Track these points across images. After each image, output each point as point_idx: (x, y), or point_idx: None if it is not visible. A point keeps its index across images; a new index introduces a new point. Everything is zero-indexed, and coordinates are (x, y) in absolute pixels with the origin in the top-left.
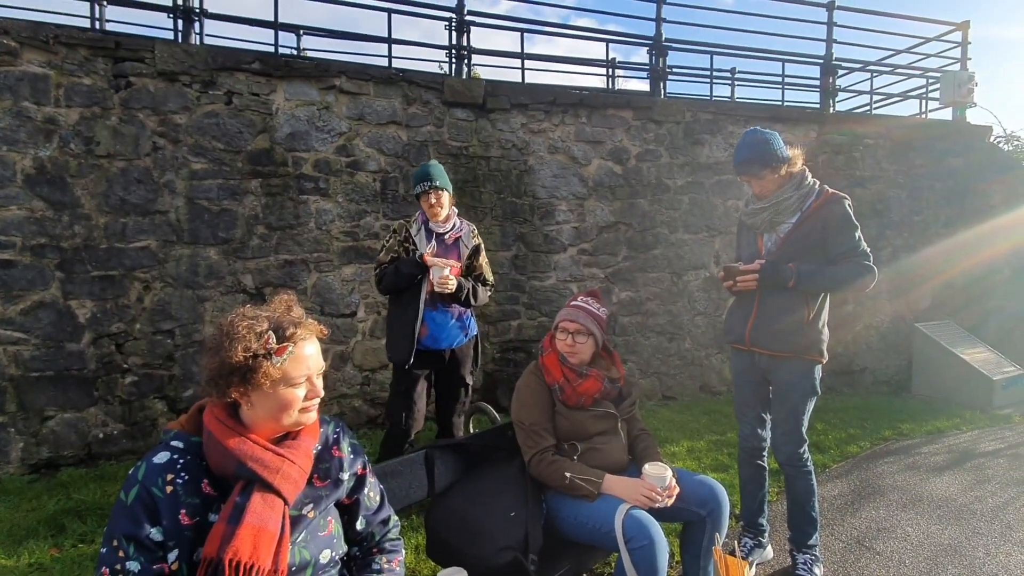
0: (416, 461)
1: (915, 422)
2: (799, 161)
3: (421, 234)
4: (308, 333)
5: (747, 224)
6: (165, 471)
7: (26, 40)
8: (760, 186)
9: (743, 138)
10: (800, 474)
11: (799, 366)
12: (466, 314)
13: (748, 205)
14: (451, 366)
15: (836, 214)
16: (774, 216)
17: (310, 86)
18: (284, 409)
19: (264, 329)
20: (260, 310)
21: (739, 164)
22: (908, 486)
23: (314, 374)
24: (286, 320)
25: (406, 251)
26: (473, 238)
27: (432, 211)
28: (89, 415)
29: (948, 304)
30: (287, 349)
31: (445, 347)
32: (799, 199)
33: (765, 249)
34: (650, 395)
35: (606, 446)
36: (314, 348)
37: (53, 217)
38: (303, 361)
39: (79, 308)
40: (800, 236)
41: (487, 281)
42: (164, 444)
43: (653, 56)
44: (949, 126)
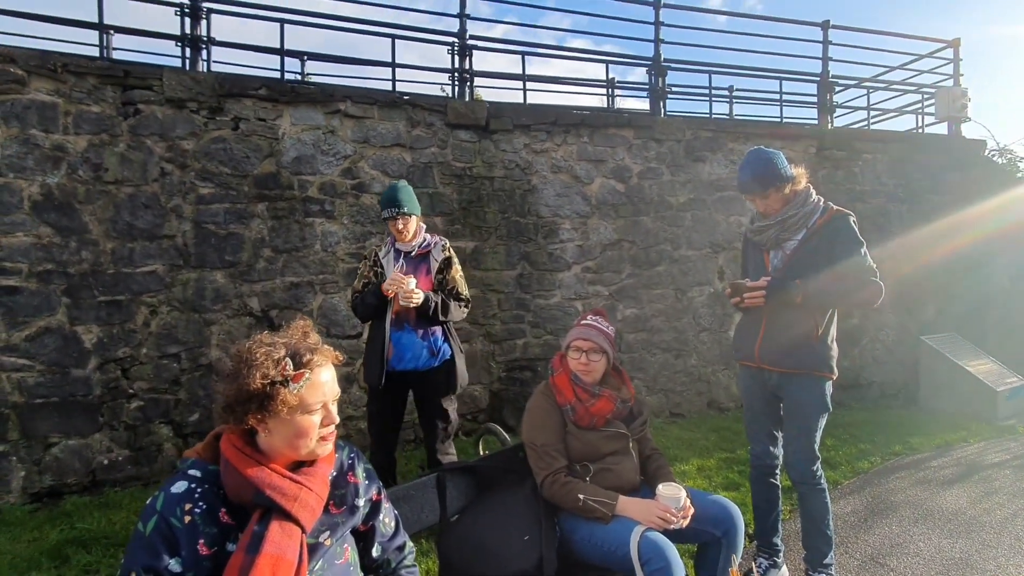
0: (428, 485)
1: (924, 436)
2: (803, 179)
3: (389, 256)
4: (324, 359)
5: (753, 241)
6: (183, 501)
7: (34, 68)
8: (765, 205)
9: (747, 158)
10: (814, 492)
11: (809, 383)
12: (434, 335)
13: (753, 222)
14: (424, 391)
15: (842, 230)
16: (780, 233)
17: (316, 111)
18: (300, 436)
19: (281, 356)
20: (277, 336)
21: (744, 183)
22: (919, 501)
23: (330, 400)
24: (303, 346)
25: (376, 275)
26: (443, 252)
27: (400, 235)
28: (94, 441)
29: (952, 316)
30: (304, 375)
31: (411, 368)
32: (804, 216)
33: (771, 265)
34: (657, 412)
35: (618, 466)
36: (330, 374)
37: (60, 243)
38: (319, 387)
39: (85, 333)
40: (806, 253)
41: (460, 296)
42: (182, 473)
43: (652, 76)
44: (945, 141)
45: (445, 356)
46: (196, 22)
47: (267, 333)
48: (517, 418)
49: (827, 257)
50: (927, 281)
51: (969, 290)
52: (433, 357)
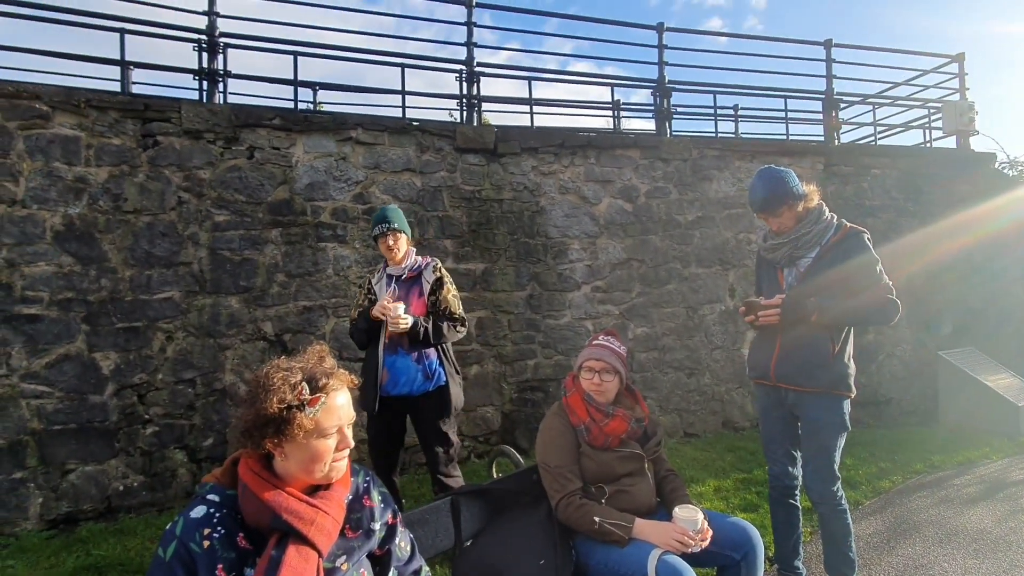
0: (442, 508)
1: (945, 453)
2: (816, 196)
3: (382, 281)
4: (340, 383)
5: (767, 259)
6: (202, 526)
7: (58, 104)
8: (778, 223)
9: (757, 177)
10: (835, 513)
11: (827, 401)
12: (429, 359)
13: (766, 240)
14: (420, 416)
15: (856, 248)
16: (793, 251)
17: (328, 138)
18: (316, 460)
19: (298, 380)
20: (294, 361)
21: (756, 202)
22: (943, 520)
23: (345, 424)
24: (319, 371)
25: (370, 302)
26: (434, 272)
27: (390, 254)
28: (110, 467)
29: (970, 329)
30: (320, 400)
31: (405, 392)
32: (818, 233)
33: (786, 283)
34: (671, 432)
35: (634, 488)
36: (345, 398)
37: (80, 271)
38: (335, 411)
39: (103, 360)
40: (820, 270)
41: (455, 316)
42: (200, 498)
43: (657, 97)
44: (954, 154)
45: (440, 380)
46: (213, 56)
47: (284, 358)
48: (529, 439)
49: (842, 274)
50: (942, 295)
51: (985, 303)
52: (428, 381)
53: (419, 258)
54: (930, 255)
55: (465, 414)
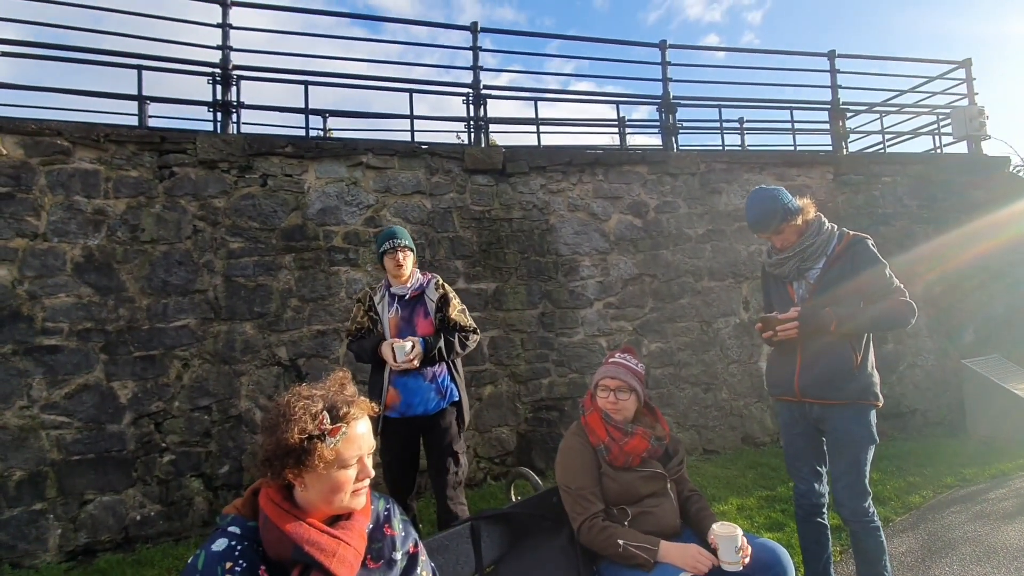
0: (462, 534)
1: (977, 466)
2: (812, 209)
3: (384, 300)
4: (361, 411)
5: (774, 274)
6: (224, 559)
7: (79, 139)
8: (781, 240)
9: (750, 200)
10: (868, 530)
11: (854, 413)
12: (442, 376)
13: (771, 256)
14: (434, 435)
15: (863, 254)
16: (801, 263)
17: (339, 164)
18: (336, 491)
19: (319, 409)
20: (315, 389)
21: (754, 224)
22: (980, 537)
23: (365, 453)
24: (340, 399)
25: (370, 320)
26: (437, 290)
27: (397, 271)
28: (127, 497)
29: (992, 337)
30: (340, 430)
31: (420, 412)
32: (822, 244)
33: (797, 296)
34: (690, 450)
35: (657, 509)
36: (366, 427)
37: (99, 302)
38: (355, 441)
39: (121, 389)
40: (831, 280)
41: (466, 327)
42: (221, 530)
43: (663, 113)
44: (966, 159)
45: (453, 397)
46: (227, 88)
47: (305, 386)
48: (546, 459)
49: (853, 282)
50: (962, 303)
51: (1007, 310)
52: (442, 399)
53: (420, 276)
54: (949, 263)
55: (480, 435)
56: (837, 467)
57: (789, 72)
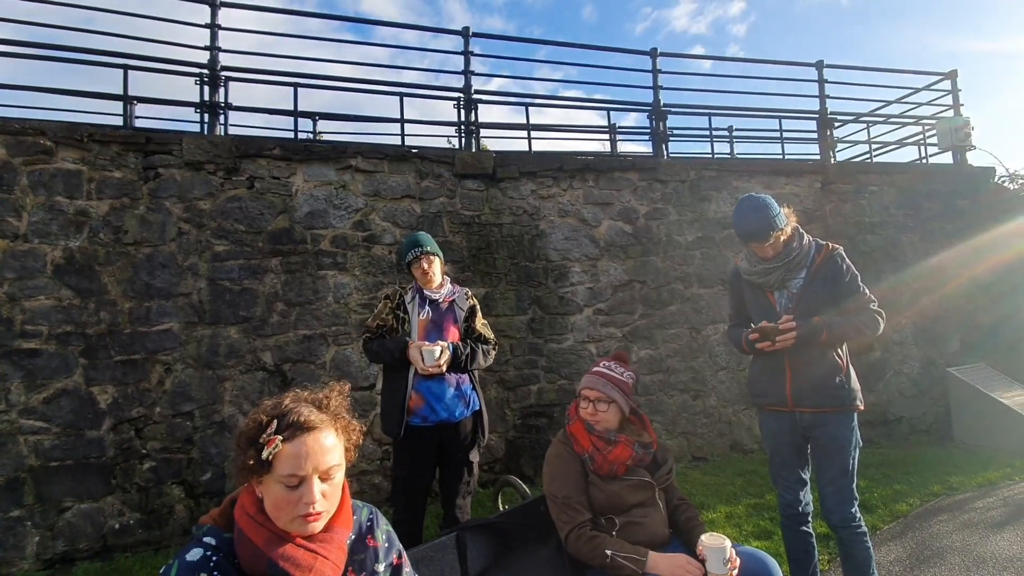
0: (447, 545)
1: (964, 474)
2: (793, 219)
3: (415, 301)
4: (320, 424)
5: (756, 283)
6: (198, 570)
7: (62, 139)
8: (771, 249)
9: (742, 206)
10: (856, 537)
11: (844, 418)
12: (465, 383)
13: (754, 265)
14: (453, 443)
15: (841, 265)
16: (785, 273)
17: (328, 167)
18: (278, 508)
19: (268, 418)
20: (292, 396)
21: (747, 233)
22: (968, 546)
23: (309, 474)
24: (299, 409)
25: (396, 318)
26: (467, 300)
27: (425, 278)
28: (106, 504)
29: (978, 345)
30: (275, 442)
31: (445, 419)
32: (804, 254)
33: (779, 306)
34: (679, 457)
35: (646, 519)
36: (319, 444)
37: (80, 305)
38: (296, 459)
39: (101, 394)
40: (813, 290)
41: (488, 340)
42: (196, 540)
43: (653, 120)
44: (952, 170)
45: (475, 406)
46: (215, 89)
47: (295, 392)
48: (534, 467)
49: (832, 292)
50: (948, 311)
51: (993, 319)
52: (466, 408)
53: (451, 285)
54: (936, 275)
55: None
56: (826, 473)
57: (778, 82)
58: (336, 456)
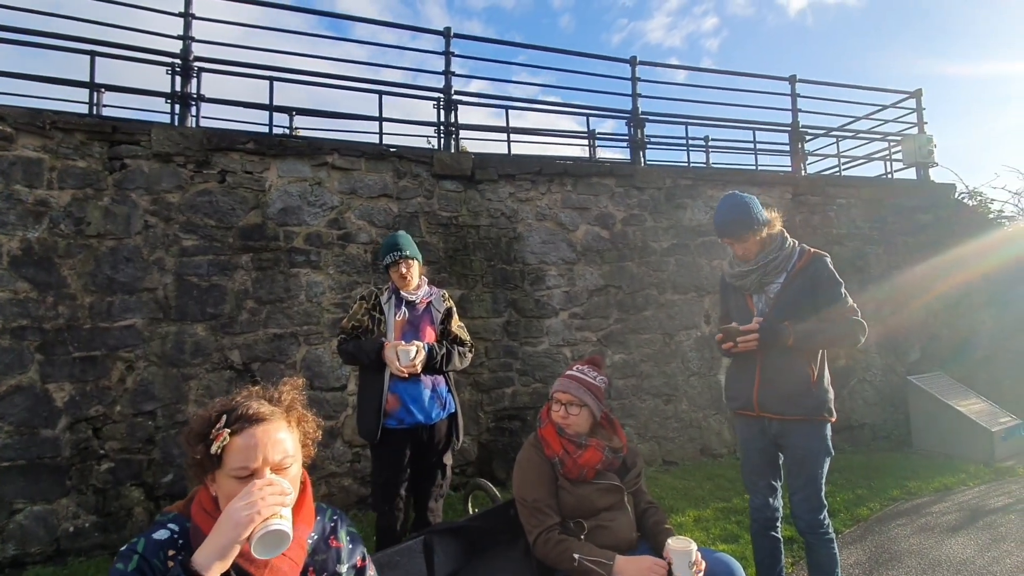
0: (414, 549)
1: (921, 479)
2: (778, 223)
3: (391, 302)
4: (268, 415)
5: (735, 286)
6: (166, 547)
7: (22, 126)
8: (743, 248)
9: (723, 203)
10: (822, 542)
11: (812, 428)
12: (441, 385)
13: (733, 267)
14: (428, 445)
15: (822, 272)
16: (763, 277)
17: (303, 163)
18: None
19: (216, 413)
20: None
21: (722, 228)
22: (924, 550)
23: (260, 466)
24: (247, 403)
25: (372, 319)
26: (444, 302)
27: (403, 281)
28: (60, 506)
29: (936, 355)
30: (223, 436)
31: (422, 421)
32: (784, 259)
33: (756, 309)
34: (650, 461)
35: (614, 523)
36: (268, 436)
37: (37, 298)
38: (246, 452)
39: (57, 392)
40: (790, 295)
41: (464, 342)
42: (161, 524)
43: (631, 127)
44: (915, 185)
45: (451, 408)
46: (187, 80)
47: (248, 390)
48: (507, 470)
49: (811, 299)
50: (910, 322)
51: (951, 330)
52: (442, 409)
53: (428, 287)
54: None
55: None
56: (795, 481)
57: (752, 94)
58: (288, 447)
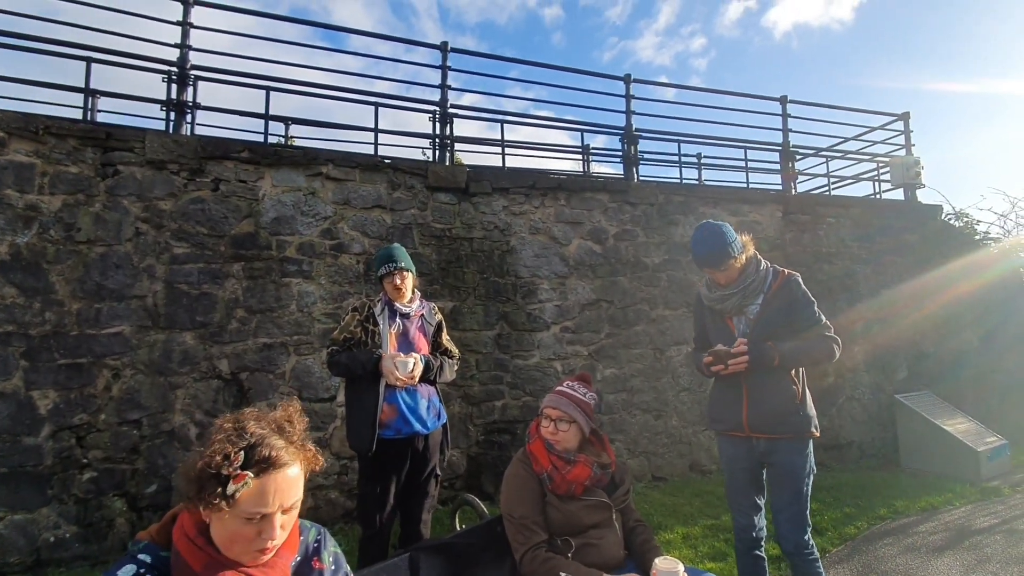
0: (399, 567)
1: (908, 499)
2: (751, 246)
3: (385, 314)
4: (291, 459)
5: (715, 309)
6: None
7: (15, 131)
8: (726, 277)
9: (698, 234)
10: (807, 563)
11: (798, 445)
12: (435, 395)
13: (713, 291)
14: (423, 456)
15: (796, 292)
16: (742, 300)
17: (297, 173)
18: (232, 541)
19: (236, 448)
20: (253, 420)
21: (702, 258)
22: (910, 570)
23: (274, 511)
24: (268, 442)
25: (365, 331)
26: (435, 315)
27: (397, 293)
28: (40, 516)
29: (924, 374)
30: (244, 479)
31: (421, 431)
32: (761, 280)
33: (738, 331)
34: (639, 476)
35: (601, 541)
36: (287, 480)
37: (23, 304)
38: (263, 496)
39: (41, 399)
40: (769, 316)
41: (453, 354)
42: (131, 556)
43: (625, 144)
44: (903, 206)
45: (443, 418)
46: (183, 88)
47: (251, 411)
48: (496, 484)
49: (787, 318)
50: (898, 340)
51: (939, 349)
52: (436, 419)
53: (420, 300)
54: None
55: None
56: (780, 499)
57: (743, 114)
58: (300, 490)
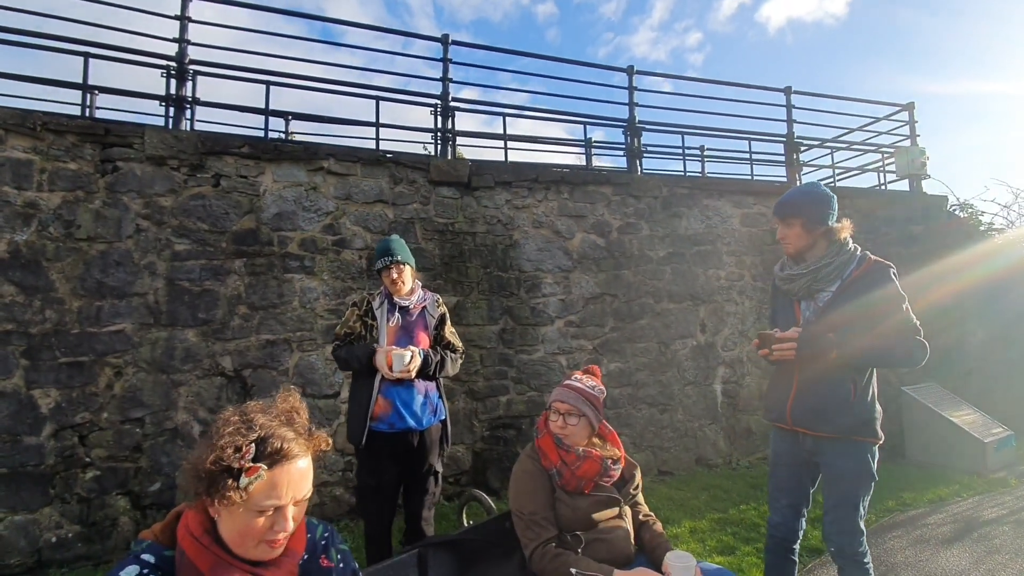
0: (408, 564)
1: (916, 491)
2: (846, 231)
3: (384, 308)
4: (300, 451)
5: (783, 289)
6: None
7: (12, 127)
8: (783, 233)
9: (805, 184)
10: (857, 568)
11: (849, 448)
12: (433, 391)
13: (784, 269)
14: (419, 452)
15: (881, 282)
16: (812, 283)
17: (298, 168)
18: (244, 535)
19: (247, 441)
20: (260, 413)
21: (779, 203)
22: (920, 562)
23: (287, 503)
24: (279, 433)
25: (364, 325)
26: (438, 307)
27: (395, 287)
28: (42, 516)
29: (929, 365)
30: (258, 471)
31: (412, 426)
32: (839, 266)
33: (803, 317)
34: (646, 470)
35: (611, 536)
36: (299, 470)
37: (23, 302)
38: (276, 488)
39: (42, 398)
40: (842, 305)
41: (456, 348)
42: (134, 556)
43: (628, 136)
44: (908, 196)
45: (441, 414)
46: (182, 83)
47: (254, 404)
48: (501, 480)
49: (865, 310)
50: None
51: (943, 339)
52: (432, 415)
53: (422, 291)
54: None
55: None
56: (828, 500)
57: (747, 105)
58: (310, 480)
